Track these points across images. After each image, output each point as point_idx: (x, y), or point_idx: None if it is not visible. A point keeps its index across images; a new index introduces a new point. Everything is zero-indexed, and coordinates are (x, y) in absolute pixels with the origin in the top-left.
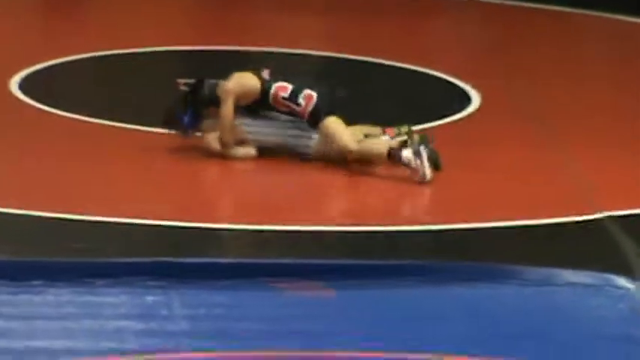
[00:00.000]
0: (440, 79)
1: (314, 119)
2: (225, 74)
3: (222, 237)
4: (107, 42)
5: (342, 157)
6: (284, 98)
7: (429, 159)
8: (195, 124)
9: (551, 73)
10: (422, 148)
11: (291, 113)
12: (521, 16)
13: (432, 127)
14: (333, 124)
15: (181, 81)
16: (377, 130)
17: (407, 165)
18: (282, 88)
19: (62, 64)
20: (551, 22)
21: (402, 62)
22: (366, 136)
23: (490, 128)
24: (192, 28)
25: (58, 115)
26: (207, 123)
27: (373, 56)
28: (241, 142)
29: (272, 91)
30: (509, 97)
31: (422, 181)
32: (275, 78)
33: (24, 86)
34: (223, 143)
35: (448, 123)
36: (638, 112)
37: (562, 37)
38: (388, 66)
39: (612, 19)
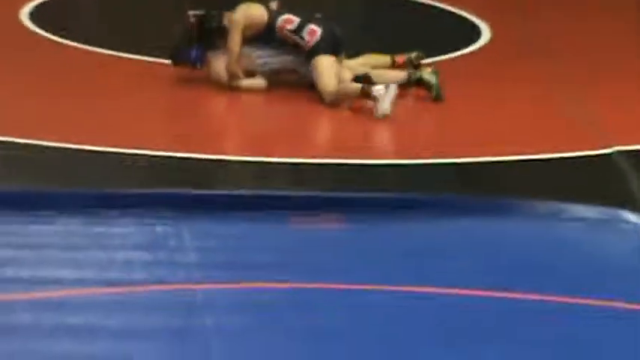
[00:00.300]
0: (449, 12)
1: (310, 54)
2: (233, 5)
3: (232, 169)
4: None
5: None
6: (289, 31)
7: (432, 89)
8: (203, 57)
9: (562, 7)
10: (391, 87)
11: (295, 45)
12: None
13: (441, 61)
14: (322, 63)
15: (191, 13)
16: (386, 58)
17: (374, 98)
18: (289, 21)
19: None
20: None
21: None
22: (373, 68)
23: (499, 63)
24: None
25: (68, 46)
26: (214, 54)
27: None
28: (250, 74)
29: (278, 23)
30: (520, 32)
31: (379, 117)
32: (283, 10)
33: (34, 16)
34: (231, 74)
35: (458, 57)
36: None
37: None
38: None
39: None
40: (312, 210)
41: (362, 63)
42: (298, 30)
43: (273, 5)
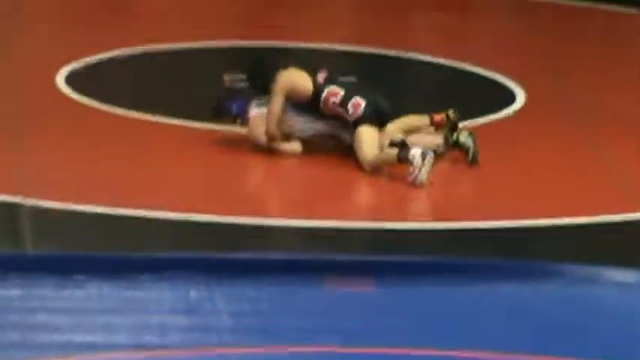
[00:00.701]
0: (482, 75)
1: (355, 123)
2: (271, 71)
3: (266, 232)
4: (153, 37)
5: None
6: (334, 103)
7: (469, 152)
8: (244, 111)
9: (596, 71)
10: (429, 154)
11: (339, 117)
12: (563, 14)
13: (476, 124)
14: (365, 132)
15: (227, 77)
16: (425, 118)
17: (410, 163)
18: (333, 93)
19: (108, 59)
20: (597, 20)
21: (445, 59)
22: (408, 131)
23: (534, 126)
24: (235, 23)
25: (104, 110)
26: (255, 113)
27: (414, 52)
28: (287, 137)
29: (323, 95)
30: (554, 93)
31: (414, 184)
32: (329, 81)
33: (70, 80)
34: (269, 136)
35: (492, 120)
36: None
37: (608, 35)
38: (431, 63)
39: None
40: (346, 273)
41: (400, 126)
42: (343, 103)
43: (320, 77)
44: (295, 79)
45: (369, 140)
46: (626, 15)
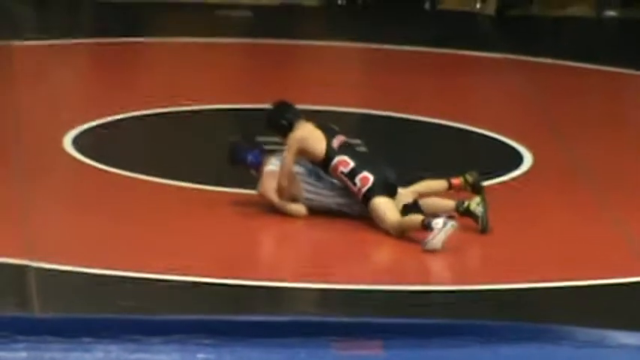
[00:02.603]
0: (490, 137)
1: (365, 199)
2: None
3: (273, 294)
4: (161, 100)
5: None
6: (342, 173)
7: (479, 221)
8: (259, 162)
9: (603, 133)
10: (449, 224)
11: (346, 188)
12: (566, 74)
13: (484, 186)
14: (380, 203)
15: (231, 141)
16: (443, 182)
17: (431, 229)
18: (344, 163)
19: (115, 120)
20: (601, 82)
21: (451, 121)
22: (423, 195)
23: (542, 189)
24: (244, 84)
25: (111, 173)
26: (267, 171)
27: (420, 115)
28: (293, 199)
29: (334, 162)
30: (561, 156)
31: (425, 248)
32: (343, 148)
33: (78, 143)
34: (279, 190)
35: (500, 183)
36: None
37: (611, 97)
38: (438, 124)
39: None
40: (354, 336)
41: (418, 189)
42: (351, 174)
43: (335, 142)
44: (310, 137)
45: (388, 207)
46: (628, 75)
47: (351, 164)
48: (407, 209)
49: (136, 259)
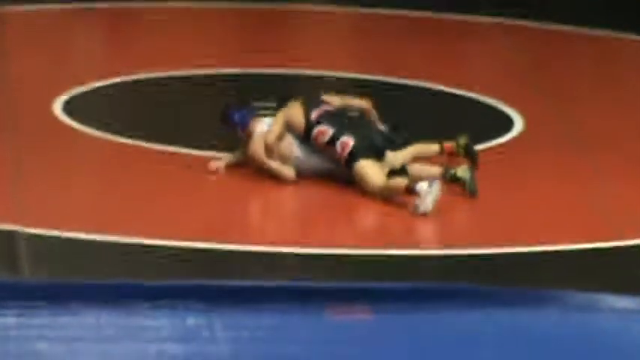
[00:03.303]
0: (481, 102)
1: (348, 164)
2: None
3: (263, 259)
4: (151, 65)
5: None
6: (323, 143)
7: (466, 186)
8: (245, 122)
9: (594, 97)
10: (435, 185)
11: (330, 154)
12: (557, 39)
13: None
14: (362, 166)
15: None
16: (435, 146)
17: (417, 193)
18: (323, 132)
19: (105, 86)
20: (592, 45)
21: (442, 85)
22: (421, 157)
23: (532, 154)
24: (234, 50)
25: (101, 138)
26: (258, 133)
27: (412, 79)
28: (284, 161)
29: (313, 133)
30: (552, 122)
31: (416, 212)
32: (323, 118)
33: (67, 108)
34: (267, 147)
35: (490, 147)
36: None
37: (602, 61)
38: (429, 89)
39: None
40: (346, 301)
41: (411, 153)
42: (332, 141)
43: (314, 114)
44: (289, 113)
45: (371, 171)
46: (619, 39)
47: (330, 132)
48: (393, 174)
49: (126, 224)
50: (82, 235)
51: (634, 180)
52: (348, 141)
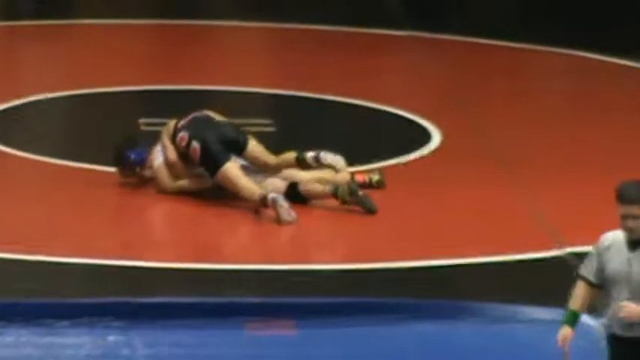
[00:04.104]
0: (398, 115)
1: (211, 171)
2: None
3: (182, 276)
4: (64, 83)
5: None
6: (184, 148)
7: (360, 203)
8: (142, 160)
9: (509, 109)
10: (280, 197)
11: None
12: (473, 51)
13: (391, 165)
14: (226, 174)
15: (143, 121)
16: (345, 175)
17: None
18: (182, 139)
19: (22, 105)
20: (506, 58)
21: (358, 99)
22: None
23: (451, 167)
24: (149, 67)
25: (15, 155)
26: (158, 166)
27: (327, 94)
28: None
29: (177, 141)
30: (470, 135)
31: (279, 224)
32: (185, 126)
33: None
34: (172, 165)
35: (409, 160)
36: (596, 149)
37: (518, 73)
38: (345, 103)
39: (566, 54)
40: (264, 316)
41: (319, 177)
42: (187, 148)
43: (182, 121)
44: (168, 126)
45: (235, 178)
46: (531, 51)
47: (187, 137)
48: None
49: (43, 241)
50: (0, 255)
51: (550, 191)
52: (196, 147)
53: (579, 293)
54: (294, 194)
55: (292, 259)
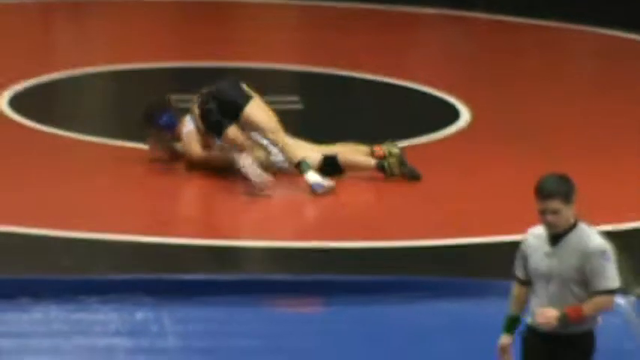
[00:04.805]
0: (427, 94)
1: (217, 134)
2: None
3: (210, 253)
4: (97, 59)
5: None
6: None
7: (407, 173)
8: (173, 124)
9: (537, 86)
10: (248, 162)
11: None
12: (502, 29)
13: (420, 143)
14: (228, 136)
15: (174, 97)
16: (365, 148)
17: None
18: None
19: (51, 81)
20: (534, 35)
21: (389, 77)
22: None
23: (480, 144)
24: (179, 44)
25: (46, 132)
26: (187, 132)
27: (355, 71)
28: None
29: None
30: (498, 111)
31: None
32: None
33: (13, 103)
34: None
35: (437, 139)
36: (624, 127)
37: (546, 50)
38: (373, 81)
39: (595, 32)
40: (293, 293)
41: (354, 148)
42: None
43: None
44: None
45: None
46: (562, 29)
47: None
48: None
49: (70, 218)
50: (29, 230)
51: (587, 167)
52: (185, 121)
53: (515, 294)
54: (332, 165)
55: (316, 236)
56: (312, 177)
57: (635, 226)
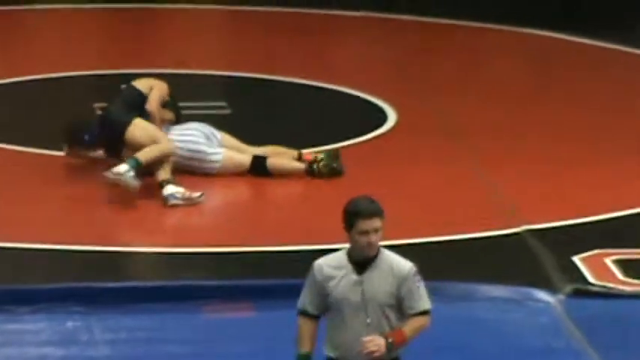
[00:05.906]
0: (354, 96)
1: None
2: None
3: (139, 260)
4: (21, 68)
5: None
6: None
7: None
8: (94, 143)
9: (462, 87)
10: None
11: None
12: (426, 31)
13: (348, 145)
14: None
15: (97, 105)
16: (293, 152)
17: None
18: None
19: None
20: (460, 37)
21: (314, 81)
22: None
23: (408, 145)
24: (102, 51)
25: None
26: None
27: (282, 75)
28: None
29: None
30: (425, 113)
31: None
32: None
33: None
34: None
35: (365, 141)
36: (551, 127)
37: (471, 52)
38: (300, 85)
39: (519, 32)
40: (223, 299)
41: (279, 151)
42: None
43: None
44: None
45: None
46: (485, 30)
47: None
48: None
49: (2, 229)
50: None
51: (511, 168)
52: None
53: (304, 331)
54: (261, 168)
55: (244, 242)
56: (170, 189)
57: (568, 223)
